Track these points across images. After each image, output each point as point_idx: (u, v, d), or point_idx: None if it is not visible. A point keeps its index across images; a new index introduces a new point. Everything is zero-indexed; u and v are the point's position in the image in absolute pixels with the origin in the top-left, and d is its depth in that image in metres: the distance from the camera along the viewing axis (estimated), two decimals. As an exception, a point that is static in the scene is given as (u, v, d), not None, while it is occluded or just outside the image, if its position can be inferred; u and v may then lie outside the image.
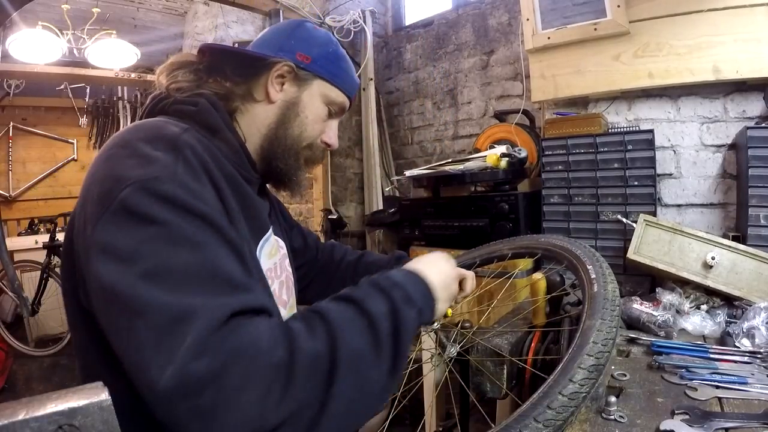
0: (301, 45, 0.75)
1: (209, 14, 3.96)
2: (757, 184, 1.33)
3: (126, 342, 0.47)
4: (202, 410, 0.44)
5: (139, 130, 0.60)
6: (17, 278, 2.09)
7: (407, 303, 0.60)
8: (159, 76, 0.73)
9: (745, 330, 0.97)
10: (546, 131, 1.80)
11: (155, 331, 0.46)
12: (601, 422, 0.68)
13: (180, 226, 0.51)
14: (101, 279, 0.49)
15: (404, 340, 0.57)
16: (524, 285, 1.13)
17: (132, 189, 0.51)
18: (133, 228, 0.50)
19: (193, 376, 0.44)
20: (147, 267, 0.48)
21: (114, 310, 0.49)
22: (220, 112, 0.69)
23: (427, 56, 3.04)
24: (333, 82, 0.78)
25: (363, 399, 0.53)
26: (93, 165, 0.58)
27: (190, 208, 0.52)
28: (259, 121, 0.75)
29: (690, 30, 1.52)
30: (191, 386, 0.44)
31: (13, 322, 3.44)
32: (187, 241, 0.50)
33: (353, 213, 3.22)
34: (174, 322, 0.46)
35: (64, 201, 4.45)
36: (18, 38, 2.85)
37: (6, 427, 0.26)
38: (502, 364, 0.88)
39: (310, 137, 0.78)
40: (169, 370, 0.44)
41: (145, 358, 0.45)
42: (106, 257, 0.49)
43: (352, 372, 0.51)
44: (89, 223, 0.52)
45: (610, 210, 1.59)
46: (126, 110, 4.59)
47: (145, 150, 0.55)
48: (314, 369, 0.50)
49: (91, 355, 0.59)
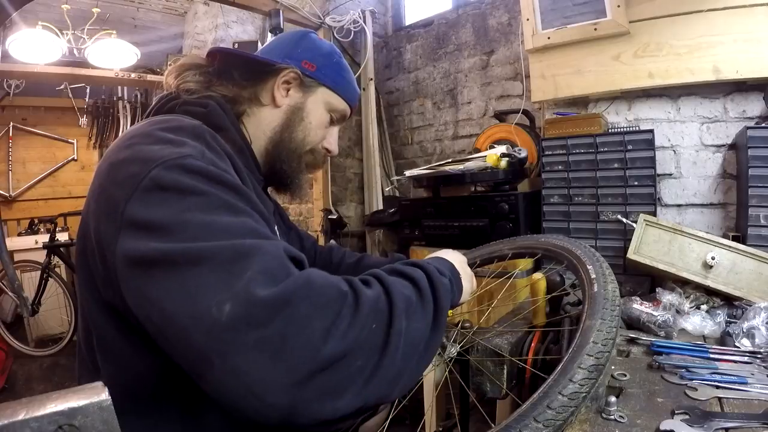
0: (306, 54, 0.79)
1: (209, 14, 3.96)
2: (757, 184, 1.33)
3: (178, 301, 0.45)
4: (269, 340, 0.43)
5: (157, 122, 0.61)
6: (17, 278, 2.09)
7: (439, 272, 0.64)
8: (168, 77, 0.74)
9: (745, 330, 0.97)
10: (546, 131, 1.80)
11: (214, 272, 0.45)
12: (601, 422, 0.68)
13: (217, 195, 0.51)
14: (140, 253, 0.47)
15: (442, 300, 0.59)
16: (524, 285, 1.13)
17: (163, 167, 0.51)
18: (171, 200, 0.49)
19: (259, 304, 0.44)
20: (194, 230, 0.47)
21: (160, 276, 0.46)
22: (228, 115, 0.71)
23: (427, 56, 3.04)
24: (336, 90, 0.81)
25: (414, 348, 0.53)
26: (107, 159, 0.57)
27: (224, 180, 0.53)
28: (264, 124, 0.77)
29: (690, 30, 1.52)
30: (258, 315, 0.44)
31: (13, 322, 3.44)
32: (227, 207, 0.51)
33: (353, 213, 3.22)
34: (233, 260, 0.46)
35: (64, 201, 4.45)
36: (18, 38, 2.84)
37: (6, 427, 0.26)
38: (502, 364, 0.88)
39: (313, 142, 0.81)
40: (229, 304, 0.43)
41: (205, 301, 0.44)
42: (142, 233, 0.48)
43: (406, 317, 0.53)
44: (114, 208, 0.51)
45: (610, 210, 1.59)
46: (126, 110, 4.58)
47: (170, 136, 0.57)
48: (376, 307, 0.51)
49: (113, 349, 0.58)
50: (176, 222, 0.48)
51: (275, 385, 0.43)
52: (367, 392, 0.48)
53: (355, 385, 0.47)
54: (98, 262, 0.54)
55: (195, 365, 0.45)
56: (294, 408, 0.44)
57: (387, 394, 0.50)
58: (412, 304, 0.55)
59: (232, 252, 0.46)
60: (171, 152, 0.53)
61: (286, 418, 0.44)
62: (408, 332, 0.52)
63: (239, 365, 0.43)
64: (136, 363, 0.56)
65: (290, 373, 0.43)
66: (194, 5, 4.05)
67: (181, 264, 0.45)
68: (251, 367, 0.43)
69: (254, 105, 0.77)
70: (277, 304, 0.44)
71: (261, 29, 3.99)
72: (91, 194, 0.57)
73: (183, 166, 0.52)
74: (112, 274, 0.51)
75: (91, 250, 0.55)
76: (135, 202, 0.50)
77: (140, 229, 0.48)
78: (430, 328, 0.56)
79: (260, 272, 0.45)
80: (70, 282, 3.30)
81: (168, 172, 0.51)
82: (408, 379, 0.53)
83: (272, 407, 0.43)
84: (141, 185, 0.50)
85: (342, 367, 0.46)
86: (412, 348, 0.53)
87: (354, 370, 0.47)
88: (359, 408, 0.48)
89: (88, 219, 0.57)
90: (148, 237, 0.48)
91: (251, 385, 0.43)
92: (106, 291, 0.54)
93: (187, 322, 0.44)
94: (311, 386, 0.44)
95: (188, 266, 0.45)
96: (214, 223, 0.49)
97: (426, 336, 0.55)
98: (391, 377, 0.50)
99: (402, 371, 0.51)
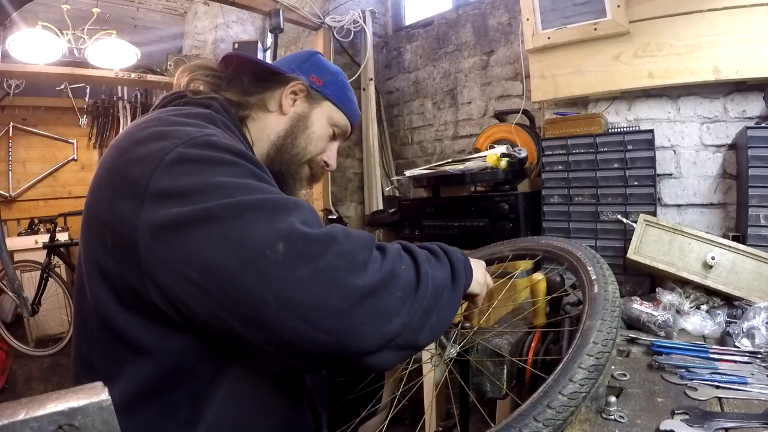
0: (315, 70, 0.84)
1: (209, 14, 3.96)
2: (757, 184, 1.33)
3: (224, 251, 0.47)
4: (322, 270, 0.48)
5: (168, 111, 0.63)
6: (17, 278, 2.09)
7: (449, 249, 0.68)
8: (179, 77, 0.77)
9: (745, 330, 0.97)
10: (546, 131, 1.80)
11: (259, 220, 0.48)
12: (601, 422, 0.68)
13: (245, 165, 0.55)
14: (172, 217, 0.49)
15: (457, 264, 0.65)
16: (524, 286, 1.13)
17: (189, 144, 0.53)
18: (202, 168, 0.52)
19: (312, 239, 0.49)
20: (230, 190, 0.50)
21: (199, 232, 0.48)
22: (231, 116, 0.73)
23: (427, 56, 3.03)
24: (339, 106, 0.86)
25: (439, 291, 0.59)
26: (116, 146, 0.58)
27: (248, 155, 0.57)
28: (269, 129, 0.80)
29: (690, 30, 1.52)
30: (311, 249, 0.48)
31: (13, 322, 3.44)
32: (254, 175, 0.55)
33: (353, 213, 3.22)
34: (275, 210, 0.50)
35: (64, 201, 4.44)
36: (18, 38, 2.84)
37: (6, 427, 0.26)
38: (502, 364, 0.88)
39: (314, 152, 0.84)
40: (282, 243, 0.47)
41: (256, 245, 0.47)
42: (174, 200, 0.50)
43: (429, 266, 0.59)
44: (133, 184, 0.51)
45: (610, 210, 1.59)
46: (126, 110, 4.58)
47: (187, 120, 0.59)
48: (400, 254, 0.58)
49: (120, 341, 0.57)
50: (211, 184, 0.50)
51: (330, 310, 0.47)
52: (408, 320, 0.53)
53: (398, 311, 0.52)
54: (112, 245, 0.54)
55: (246, 310, 0.47)
56: (347, 332, 0.48)
57: (420, 329, 0.56)
58: (431, 258, 0.62)
59: (273, 204, 0.50)
60: (195, 131, 0.55)
61: (338, 342, 0.48)
62: (433, 277, 0.58)
63: (295, 297, 0.47)
64: (142, 357, 0.56)
65: (343, 298, 0.48)
66: (194, 5, 4.05)
67: (224, 217, 0.48)
68: (306, 297, 0.47)
69: (260, 111, 0.80)
70: (326, 240, 0.49)
71: (261, 29, 3.99)
72: (98, 182, 0.57)
73: (208, 142, 0.54)
74: (130, 250, 0.51)
75: (100, 236, 0.55)
76: (161, 175, 0.51)
77: (171, 198, 0.50)
78: (450, 280, 0.62)
79: (301, 221, 0.50)
80: (70, 282, 3.30)
81: (194, 148, 0.53)
82: (436, 320, 0.58)
83: (327, 332, 0.48)
84: (166, 159, 0.51)
85: (386, 294, 0.51)
86: (437, 290, 0.58)
87: (395, 299, 0.52)
88: (397, 335, 0.52)
89: (94, 206, 0.57)
90: (181, 202, 0.49)
91: (307, 313, 0.47)
92: (121, 272, 0.54)
93: (237, 269, 0.47)
94: (362, 310, 0.49)
95: (230, 219, 0.48)
96: (249, 184, 0.52)
97: (448, 285, 0.61)
98: (423, 311, 0.55)
99: (431, 309, 0.57)
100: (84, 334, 0.62)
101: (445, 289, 0.60)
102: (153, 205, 0.50)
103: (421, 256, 0.59)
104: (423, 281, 0.56)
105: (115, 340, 0.57)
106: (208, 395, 0.58)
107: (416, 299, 0.54)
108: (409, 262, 0.57)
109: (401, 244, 0.62)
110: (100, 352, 0.59)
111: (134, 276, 0.52)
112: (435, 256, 0.63)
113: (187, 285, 0.49)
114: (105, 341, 0.58)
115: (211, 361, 0.58)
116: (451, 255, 0.66)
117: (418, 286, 0.55)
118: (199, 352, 0.56)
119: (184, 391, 0.57)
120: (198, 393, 0.58)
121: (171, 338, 0.55)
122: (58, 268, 3.25)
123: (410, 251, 0.60)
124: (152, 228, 0.49)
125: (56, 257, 3.19)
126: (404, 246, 0.61)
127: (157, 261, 0.50)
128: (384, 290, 0.51)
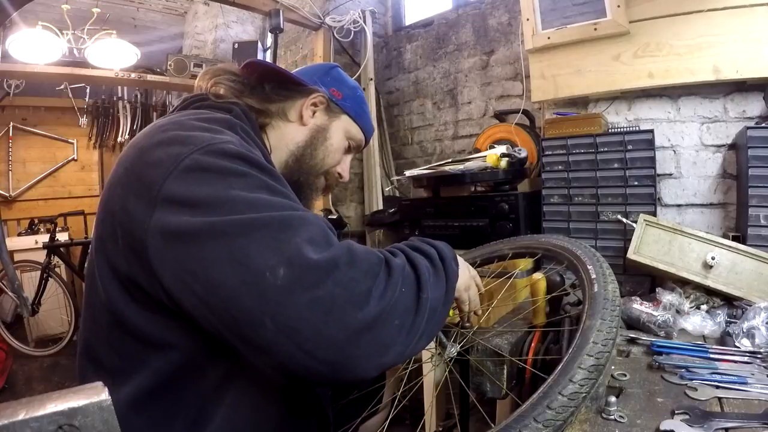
0: (335, 83, 0.86)
1: (209, 14, 3.96)
2: (757, 184, 1.33)
3: (227, 269, 0.47)
4: (321, 299, 0.47)
5: (188, 114, 0.64)
6: (17, 278, 2.09)
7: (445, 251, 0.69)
8: (200, 80, 0.78)
9: (745, 330, 0.97)
10: (546, 131, 1.80)
11: (263, 240, 0.48)
12: (601, 422, 0.68)
13: (258, 176, 0.55)
14: (181, 227, 0.49)
15: (452, 277, 0.65)
16: (524, 285, 1.13)
17: (204, 150, 0.53)
18: (213, 179, 0.52)
19: (312, 266, 0.47)
20: (240, 205, 0.50)
21: (206, 247, 0.48)
22: (252, 122, 0.73)
23: (427, 56, 3.03)
24: (356, 120, 0.88)
25: (433, 313, 0.58)
26: (135, 145, 0.58)
27: (262, 164, 0.57)
28: (288, 138, 0.81)
29: (690, 30, 1.52)
30: (311, 276, 0.47)
31: (13, 322, 3.44)
32: (266, 187, 0.54)
33: (353, 213, 3.22)
34: (281, 229, 0.49)
35: (64, 201, 4.45)
36: (18, 38, 2.84)
37: (6, 427, 0.26)
38: (502, 364, 0.88)
39: (330, 164, 0.86)
40: (283, 267, 0.46)
41: (257, 267, 0.46)
42: (185, 209, 0.50)
43: (430, 285, 0.59)
44: (147, 186, 0.52)
45: (610, 210, 1.59)
46: (126, 110, 4.58)
47: (206, 125, 0.59)
48: (404, 273, 0.57)
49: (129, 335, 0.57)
50: (221, 198, 0.50)
51: (327, 341, 0.47)
52: (404, 349, 0.53)
53: (395, 341, 0.52)
54: (123, 242, 0.54)
55: (243, 330, 0.47)
56: (343, 364, 0.48)
57: (414, 352, 0.57)
58: (431, 275, 0.61)
59: (279, 222, 0.49)
60: (211, 138, 0.55)
61: (333, 372, 0.48)
62: (431, 299, 0.58)
63: (292, 325, 0.46)
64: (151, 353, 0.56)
65: (341, 330, 0.47)
66: (194, 5, 4.05)
67: (230, 234, 0.48)
68: (303, 326, 0.46)
69: (280, 119, 0.81)
70: (328, 267, 0.48)
71: (261, 29, 3.99)
72: (115, 179, 0.58)
73: (223, 150, 0.54)
74: (140, 251, 0.52)
75: (112, 233, 0.55)
76: (174, 181, 0.51)
77: (181, 206, 0.50)
78: (444, 296, 0.62)
79: (307, 240, 0.49)
80: (70, 282, 3.30)
81: (208, 156, 0.53)
82: (425, 340, 0.58)
83: (324, 363, 0.47)
84: (181, 165, 0.51)
85: (384, 325, 0.50)
86: (433, 312, 0.58)
87: (394, 329, 0.51)
88: (394, 364, 0.53)
89: (110, 203, 0.57)
90: (191, 212, 0.49)
91: (303, 342, 0.46)
92: (131, 269, 0.54)
93: (238, 288, 0.46)
94: (360, 344, 0.48)
95: (236, 236, 0.48)
96: (259, 200, 0.52)
97: (441, 303, 0.61)
98: (418, 338, 0.55)
99: (424, 333, 0.56)
100: (92, 329, 0.62)
101: (439, 307, 0.60)
102: (164, 210, 0.50)
103: (424, 273, 0.59)
104: (422, 307, 0.56)
105: (126, 336, 0.57)
106: (217, 396, 0.58)
107: (413, 327, 0.54)
108: (411, 281, 0.57)
109: (406, 253, 0.61)
110: (108, 348, 0.59)
111: (144, 274, 0.53)
112: (434, 268, 0.63)
113: (191, 296, 0.49)
114: (114, 337, 0.58)
115: (221, 361, 0.58)
116: (447, 266, 0.65)
117: (417, 311, 0.55)
118: (210, 351, 0.56)
119: (192, 391, 0.57)
120: (206, 393, 0.58)
121: (182, 333, 0.55)
122: (58, 268, 3.25)
123: (414, 266, 0.59)
124: (162, 232, 0.50)
125: (56, 257, 3.19)
126: (409, 258, 0.60)
127: (165, 265, 0.50)
128: (384, 322, 0.50)
